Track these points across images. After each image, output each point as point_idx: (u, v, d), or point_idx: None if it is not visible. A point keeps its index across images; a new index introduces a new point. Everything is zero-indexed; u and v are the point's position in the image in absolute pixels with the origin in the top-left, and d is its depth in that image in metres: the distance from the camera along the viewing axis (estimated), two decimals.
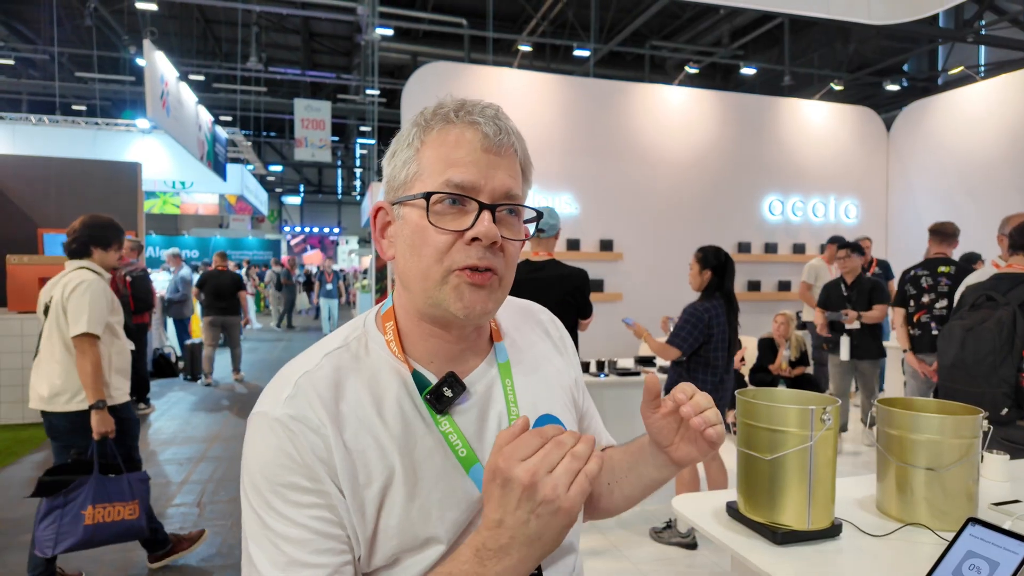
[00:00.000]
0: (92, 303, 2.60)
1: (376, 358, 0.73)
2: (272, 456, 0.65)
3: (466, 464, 0.71)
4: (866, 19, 5.59)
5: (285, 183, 28.95)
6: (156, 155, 12.55)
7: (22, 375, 5.47)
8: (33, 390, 2.63)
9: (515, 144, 0.73)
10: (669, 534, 3.22)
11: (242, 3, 11.36)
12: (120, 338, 2.82)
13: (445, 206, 0.69)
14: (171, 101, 7.98)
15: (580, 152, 6.39)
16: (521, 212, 0.74)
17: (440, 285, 0.69)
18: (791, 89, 11.91)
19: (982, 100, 6.57)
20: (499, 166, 0.70)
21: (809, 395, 1.37)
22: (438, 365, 0.74)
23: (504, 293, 0.73)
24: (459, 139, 0.70)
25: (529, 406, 0.77)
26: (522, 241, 0.74)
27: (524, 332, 0.87)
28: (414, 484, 0.68)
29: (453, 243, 0.68)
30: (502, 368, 0.78)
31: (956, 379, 2.33)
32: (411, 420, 0.70)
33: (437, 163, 0.70)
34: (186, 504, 3.74)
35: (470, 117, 0.70)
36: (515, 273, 0.75)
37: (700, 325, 3.09)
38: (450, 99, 0.73)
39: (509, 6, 12.58)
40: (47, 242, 6.86)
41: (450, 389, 0.71)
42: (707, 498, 1.53)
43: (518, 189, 0.72)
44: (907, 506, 1.37)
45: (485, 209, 0.68)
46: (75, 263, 2.75)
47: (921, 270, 4.15)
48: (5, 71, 14.54)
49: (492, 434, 0.74)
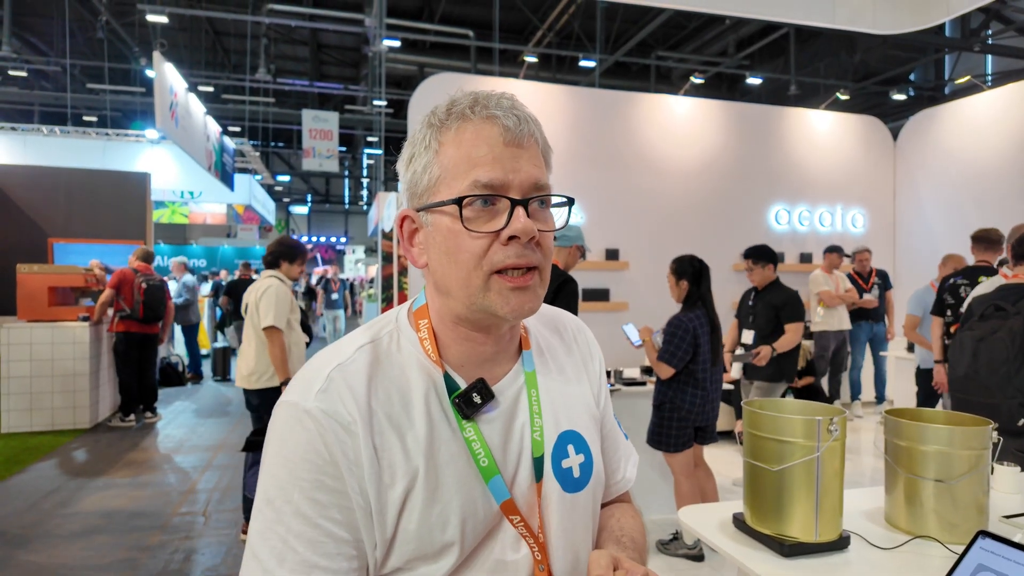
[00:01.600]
0: (277, 303, 3.29)
1: (407, 356, 0.72)
2: (299, 450, 0.64)
3: (486, 474, 0.69)
4: (871, 29, 5.60)
5: (293, 193, 29.12)
6: (165, 165, 12.65)
7: (30, 384, 5.50)
8: (237, 372, 3.39)
9: (535, 132, 0.71)
10: (676, 546, 3.20)
11: (251, 15, 11.49)
12: (296, 331, 3.46)
13: (476, 208, 0.67)
14: (180, 112, 8.06)
15: (586, 162, 6.41)
16: (549, 201, 0.72)
17: (483, 291, 0.67)
18: (797, 99, 11.92)
19: (989, 109, 6.55)
20: (522, 157, 0.68)
21: (815, 406, 1.36)
22: (468, 369, 0.73)
23: (545, 286, 0.71)
24: (478, 135, 0.68)
25: (552, 420, 0.76)
26: (558, 229, 0.72)
27: (551, 341, 0.84)
28: (435, 488, 0.67)
29: (490, 245, 0.66)
30: (528, 378, 0.76)
31: (969, 390, 2.30)
32: (437, 422, 0.69)
33: (460, 164, 0.67)
34: (192, 513, 3.74)
35: (487, 111, 0.69)
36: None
37: (687, 336, 3.04)
38: (462, 94, 0.72)
39: (515, 17, 12.67)
40: (57, 251, 6.92)
41: (479, 395, 0.70)
42: (713, 510, 1.51)
43: (544, 178, 0.71)
44: (916, 518, 1.35)
45: (518, 205, 0.66)
46: (268, 272, 3.53)
47: (961, 279, 3.92)
48: (18, 83, 14.73)
49: (516, 446, 0.72)
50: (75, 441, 5.27)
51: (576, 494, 0.75)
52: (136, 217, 7.42)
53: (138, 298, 5.73)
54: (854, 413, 6.17)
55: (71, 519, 3.61)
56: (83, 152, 11.93)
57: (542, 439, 0.73)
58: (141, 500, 3.93)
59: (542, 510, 0.72)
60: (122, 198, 7.39)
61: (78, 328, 5.61)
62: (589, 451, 0.78)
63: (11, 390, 5.48)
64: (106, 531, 3.41)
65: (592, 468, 0.78)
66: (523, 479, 0.72)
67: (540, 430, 0.74)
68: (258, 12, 11.79)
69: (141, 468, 4.58)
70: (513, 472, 0.71)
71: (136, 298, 5.72)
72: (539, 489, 0.72)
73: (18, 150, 11.78)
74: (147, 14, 10.20)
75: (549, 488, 0.73)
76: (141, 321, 5.79)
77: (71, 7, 10.50)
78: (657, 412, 3.14)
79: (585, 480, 0.77)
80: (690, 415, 3.09)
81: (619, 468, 0.90)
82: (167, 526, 3.53)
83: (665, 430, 3.09)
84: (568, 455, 0.76)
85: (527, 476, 0.72)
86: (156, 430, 5.70)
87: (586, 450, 0.78)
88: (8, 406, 5.48)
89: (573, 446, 0.76)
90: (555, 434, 0.75)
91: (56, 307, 5.73)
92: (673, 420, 3.08)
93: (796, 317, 3.84)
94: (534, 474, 0.72)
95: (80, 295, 6.26)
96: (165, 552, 3.21)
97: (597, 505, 0.82)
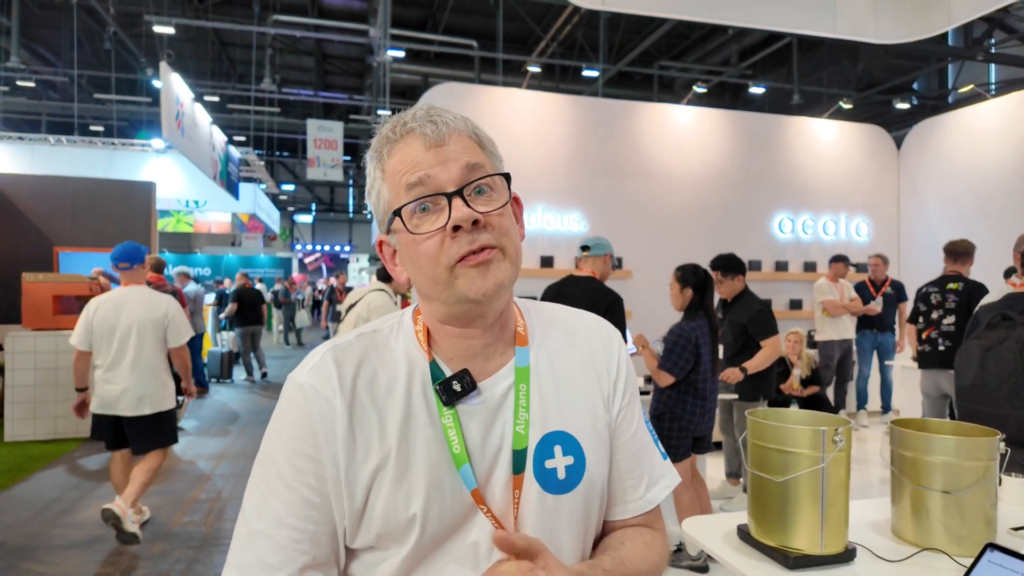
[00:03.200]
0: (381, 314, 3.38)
1: (403, 345, 0.77)
2: (288, 419, 0.72)
3: (458, 462, 0.71)
4: (873, 38, 5.61)
5: (297, 202, 29.25)
6: (170, 174, 12.74)
7: (34, 392, 5.51)
8: None
9: (459, 128, 0.73)
10: (679, 557, 3.17)
11: (257, 26, 11.59)
12: None
13: (419, 215, 0.71)
14: (186, 122, 8.12)
15: (589, 171, 6.42)
16: (495, 182, 0.73)
17: (450, 283, 0.70)
18: (800, 108, 11.94)
19: (993, 118, 6.55)
20: (448, 154, 0.71)
21: (820, 416, 1.35)
22: (458, 362, 0.75)
23: (512, 262, 0.72)
24: (403, 151, 0.72)
25: (540, 417, 0.76)
26: (506, 204, 0.73)
27: (558, 342, 0.82)
28: (405, 469, 0.70)
29: (442, 241, 0.70)
30: (519, 373, 0.77)
31: (977, 400, 2.28)
32: (416, 407, 0.72)
33: (396, 180, 0.72)
34: (193, 523, 3.73)
35: (405, 128, 0.73)
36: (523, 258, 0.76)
37: (689, 346, 3.02)
38: (387, 121, 0.76)
39: (519, 28, 12.75)
40: (62, 260, 6.95)
41: (460, 384, 0.72)
42: (718, 521, 1.50)
43: (477, 158, 0.72)
44: (923, 530, 1.33)
45: (454, 197, 0.69)
46: (378, 284, 3.99)
47: (932, 287, 4.24)
48: (26, 93, 14.87)
49: (496, 439, 0.73)
50: (78, 450, 5.27)
51: (560, 496, 0.74)
52: (141, 226, 7.45)
53: None
54: (860, 423, 6.12)
55: (73, 528, 3.60)
56: (89, 161, 12.03)
57: (526, 433, 0.74)
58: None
59: (519, 506, 0.73)
60: (127, 207, 7.43)
61: None
62: (582, 455, 0.77)
63: (15, 399, 5.48)
64: (108, 540, 3.40)
65: (583, 472, 0.76)
66: (500, 473, 0.73)
67: (525, 424, 0.74)
68: (263, 23, 11.90)
69: None
70: (489, 465, 0.72)
71: None
72: (518, 482, 0.73)
73: (25, 159, 11.89)
74: (154, 25, 10.30)
75: (528, 485, 0.73)
76: None
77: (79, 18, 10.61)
78: (656, 422, 3.10)
79: (572, 483, 0.75)
80: (690, 425, 3.07)
81: (638, 486, 0.84)
82: (169, 535, 3.52)
83: (665, 440, 3.07)
84: (553, 455, 0.75)
85: (504, 470, 0.73)
86: None
87: (578, 453, 0.76)
88: (12, 415, 5.49)
89: (561, 447, 0.76)
90: (541, 432, 0.75)
91: (60, 316, 5.74)
92: (674, 430, 3.06)
93: (768, 332, 3.61)
94: (512, 467, 0.73)
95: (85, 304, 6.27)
96: (167, 561, 3.20)
97: (593, 512, 0.79)
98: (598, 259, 3.21)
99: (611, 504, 0.84)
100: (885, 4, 5.51)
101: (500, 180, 0.74)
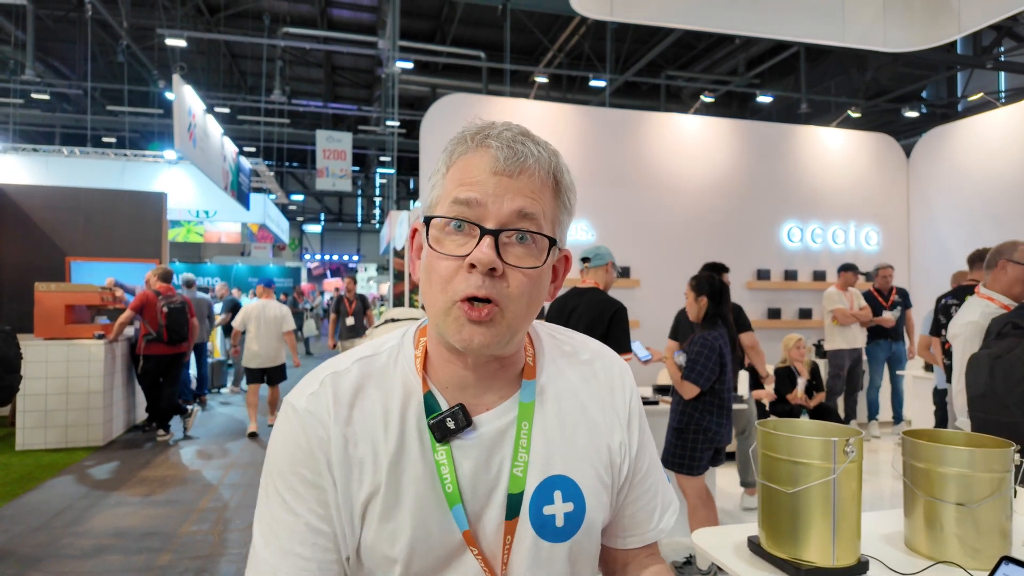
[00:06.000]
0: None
1: (400, 372, 0.73)
2: (286, 445, 0.70)
3: (450, 501, 0.68)
4: (882, 47, 5.59)
5: (306, 212, 29.45)
6: (181, 185, 12.85)
7: (46, 401, 5.55)
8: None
9: (536, 167, 0.68)
10: (689, 571, 3.14)
11: (267, 38, 11.73)
12: None
13: (451, 230, 0.67)
14: (198, 133, 8.21)
15: (596, 180, 6.43)
16: (540, 240, 0.68)
17: (445, 315, 0.66)
18: (808, 117, 11.91)
19: (1003, 125, 6.51)
20: (511, 188, 0.66)
21: (831, 426, 1.34)
22: (451, 393, 0.72)
23: (510, 327, 0.67)
24: (470, 162, 0.68)
25: (542, 460, 0.72)
26: (534, 269, 0.67)
27: (570, 374, 0.79)
28: (393, 505, 0.68)
29: (457, 270, 0.66)
30: (523, 409, 0.72)
31: (989, 409, 2.25)
32: (409, 441, 0.69)
33: (451, 186, 0.68)
34: (201, 532, 3.73)
35: (485, 140, 0.68)
36: (543, 302, 0.71)
37: (713, 355, 2.95)
38: (475, 123, 0.71)
39: (526, 39, 12.83)
40: (74, 270, 7.02)
41: (453, 421, 0.69)
42: (728, 532, 1.49)
43: (536, 209, 0.67)
44: (937, 543, 1.32)
45: (487, 234, 0.65)
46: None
47: (951, 298, 4.06)
48: (41, 105, 15.10)
49: (490, 479, 0.70)
50: (88, 458, 5.30)
51: (555, 544, 0.71)
52: (152, 236, 7.52)
53: (161, 322, 5.81)
54: (871, 434, 6.06)
55: (82, 537, 3.61)
56: (102, 172, 12.17)
57: (524, 476, 0.70)
58: (152, 518, 3.93)
59: (511, 551, 0.70)
60: (139, 217, 7.50)
61: (93, 346, 5.67)
62: (583, 501, 0.73)
63: (26, 407, 5.52)
64: (117, 550, 3.41)
65: (583, 520, 0.73)
66: (492, 514, 0.70)
67: (524, 466, 0.70)
68: (274, 35, 12.05)
69: (153, 486, 4.58)
70: (482, 505, 0.69)
71: (159, 322, 5.81)
72: (510, 528, 0.70)
73: (40, 170, 12.04)
74: (166, 38, 10.45)
75: (522, 531, 0.70)
76: (167, 343, 5.92)
77: (93, 32, 10.78)
78: (680, 435, 3.01)
79: (570, 531, 0.72)
80: (716, 436, 3.00)
81: (653, 517, 0.84)
82: (177, 545, 3.53)
83: (689, 452, 2.98)
84: (553, 501, 0.71)
85: (497, 512, 0.70)
86: (168, 448, 5.72)
87: (578, 500, 0.73)
88: (23, 423, 5.53)
89: (562, 492, 0.72)
90: (541, 475, 0.71)
91: (72, 325, 5.79)
92: (698, 442, 2.97)
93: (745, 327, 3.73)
94: (505, 511, 0.69)
95: (96, 313, 6.33)
96: (175, 571, 3.20)
97: (588, 558, 0.77)
98: (599, 269, 3.19)
99: (625, 535, 0.83)
100: (894, 12, 5.50)
101: (543, 240, 0.68)
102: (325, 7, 12.72)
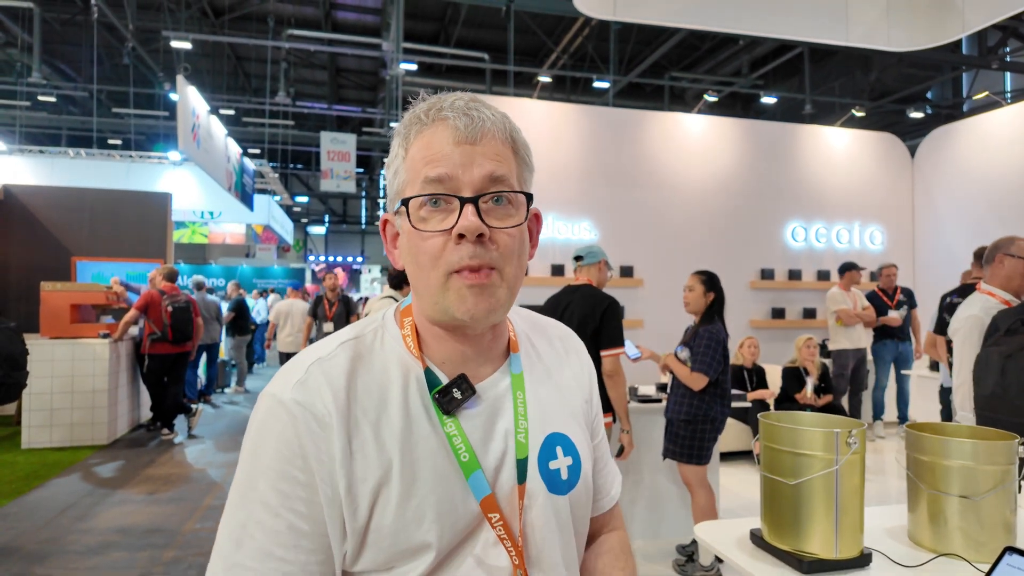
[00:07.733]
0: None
1: (390, 351, 0.72)
2: (271, 440, 0.65)
3: (467, 470, 0.68)
4: (886, 46, 5.59)
5: (311, 213, 29.51)
6: (186, 186, 12.92)
7: (51, 400, 5.57)
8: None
9: (495, 129, 0.69)
10: (691, 567, 3.13)
11: (272, 40, 11.78)
12: None
13: (428, 209, 0.67)
14: (202, 134, 8.24)
15: (600, 180, 6.43)
16: (515, 198, 0.69)
17: (443, 291, 0.67)
18: (812, 117, 11.89)
19: (1008, 125, 6.49)
20: (476, 155, 0.67)
21: (833, 418, 1.34)
22: (450, 367, 0.72)
23: (509, 289, 0.69)
24: (431, 138, 0.68)
25: (539, 422, 0.75)
26: (519, 225, 0.69)
27: (540, 345, 0.84)
28: (411, 483, 0.66)
29: (445, 244, 0.66)
30: (515, 380, 0.75)
31: (997, 409, 2.23)
32: (416, 418, 0.69)
33: (416, 166, 0.68)
34: (205, 529, 3.74)
35: (440, 114, 0.68)
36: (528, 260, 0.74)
37: (719, 347, 3.06)
38: (423, 101, 0.71)
39: (530, 40, 12.85)
40: (80, 269, 7.05)
41: (459, 391, 0.69)
42: (731, 525, 1.48)
43: (505, 170, 0.68)
44: (940, 536, 1.31)
45: (466, 203, 0.65)
46: (389, 292, 4.88)
47: (956, 297, 4.06)
48: (47, 107, 15.19)
49: (497, 447, 0.71)
50: (93, 457, 5.32)
51: (563, 496, 0.74)
52: (157, 237, 7.56)
53: (166, 321, 5.84)
54: (876, 433, 6.04)
55: (87, 534, 3.63)
56: (108, 174, 12.24)
57: (527, 441, 0.72)
58: (156, 516, 3.95)
59: (524, 513, 0.71)
60: (144, 218, 7.54)
61: (98, 345, 5.69)
62: (578, 455, 0.77)
63: (32, 406, 5.55)
64: (121, 547, 3.42)
65: (580, 471, 0.77)
66: (505, 480, 0.71)
67: (525, 432, 0.72)
68: (278, 37, 12.10)
69: (157, 484, 4.60)
70: (496, 469, 0.70)
71: (164, 321, 5.84)
72: (521, 492, 0.71)
73: (46, 172, 12.12)
74: (171, 40, 10.50)
75: (534, 489, 0.72)
76: (172, 343, 5.94)
77: (99, 35, 10.84)
78: (689, 426, 3.10)
79: (573, 482, 0.76)
80: (720, 425, 3.14)
81: (608, 484, 0.91)
82: (181, 542, 3.54)
83: (698, 443, 3.10)
84: (556, 456, 0.75)
85: (509, 477, 0.71)
86: (173, 447, 5.74)
87: (574, 453, 0.77)
88: (29, 422, 5.55)
89: (561, 448, 0.76)
90: (542, 436, 0.74)
91: (77, 324, 5.82)
92: (707, 432, 3.09)
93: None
94: (516, 476, 0.71)
95: (101, 312, 6.36)
96: (179, 568, 3.21)
97: (584, 511, 0.81)
98: (592, 267, 3.25)
99: (595, 498, 0.87)
100: (898, 12, 5.49)
101: (520, 197, 0.70)
102: (329, 9, 12.76)
